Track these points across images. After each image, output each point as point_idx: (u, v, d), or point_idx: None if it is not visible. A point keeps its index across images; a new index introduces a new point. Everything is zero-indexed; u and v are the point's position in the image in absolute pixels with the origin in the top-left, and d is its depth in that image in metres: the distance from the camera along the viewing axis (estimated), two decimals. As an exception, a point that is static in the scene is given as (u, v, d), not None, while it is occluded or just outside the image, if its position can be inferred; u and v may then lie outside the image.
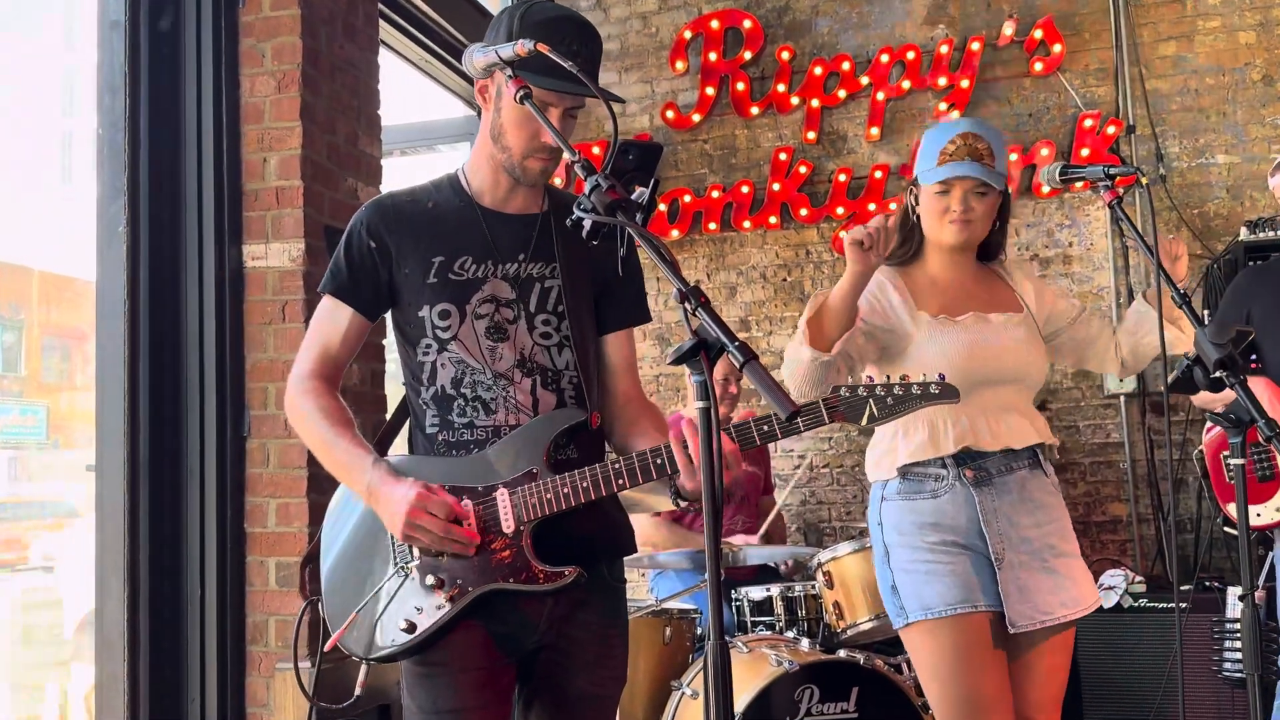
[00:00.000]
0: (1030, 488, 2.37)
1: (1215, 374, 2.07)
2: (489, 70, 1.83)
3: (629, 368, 2.09)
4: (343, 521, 1.98)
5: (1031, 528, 2.34)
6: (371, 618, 1.87)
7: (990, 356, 2.35)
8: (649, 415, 2.06)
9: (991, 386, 2.35)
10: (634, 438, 2.00)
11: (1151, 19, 5.12)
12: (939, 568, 2.29)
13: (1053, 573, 2.33)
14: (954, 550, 2.30)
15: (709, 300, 1.47)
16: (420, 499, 1.78)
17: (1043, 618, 2.29)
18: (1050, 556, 2.34)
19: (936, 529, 2.31)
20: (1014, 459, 2.37)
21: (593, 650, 1.97)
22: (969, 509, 2.32)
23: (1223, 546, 4.73)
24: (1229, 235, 4.81)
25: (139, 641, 3.20)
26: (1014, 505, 2.34)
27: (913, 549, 2.33)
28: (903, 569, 2.34)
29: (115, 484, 3.22)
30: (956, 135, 2.39)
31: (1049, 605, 2.30)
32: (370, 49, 3.89)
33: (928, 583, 2.29)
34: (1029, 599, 2.29)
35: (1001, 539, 2.31)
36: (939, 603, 2.28)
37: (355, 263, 1.96)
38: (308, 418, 1.93)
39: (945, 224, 2.41)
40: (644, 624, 3.33)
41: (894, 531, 2.36)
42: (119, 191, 3.29)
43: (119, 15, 3.33)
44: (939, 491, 2.33)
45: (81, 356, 4.29)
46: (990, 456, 2.34)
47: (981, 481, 2.33)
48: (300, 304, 3.40)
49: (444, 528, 1.79)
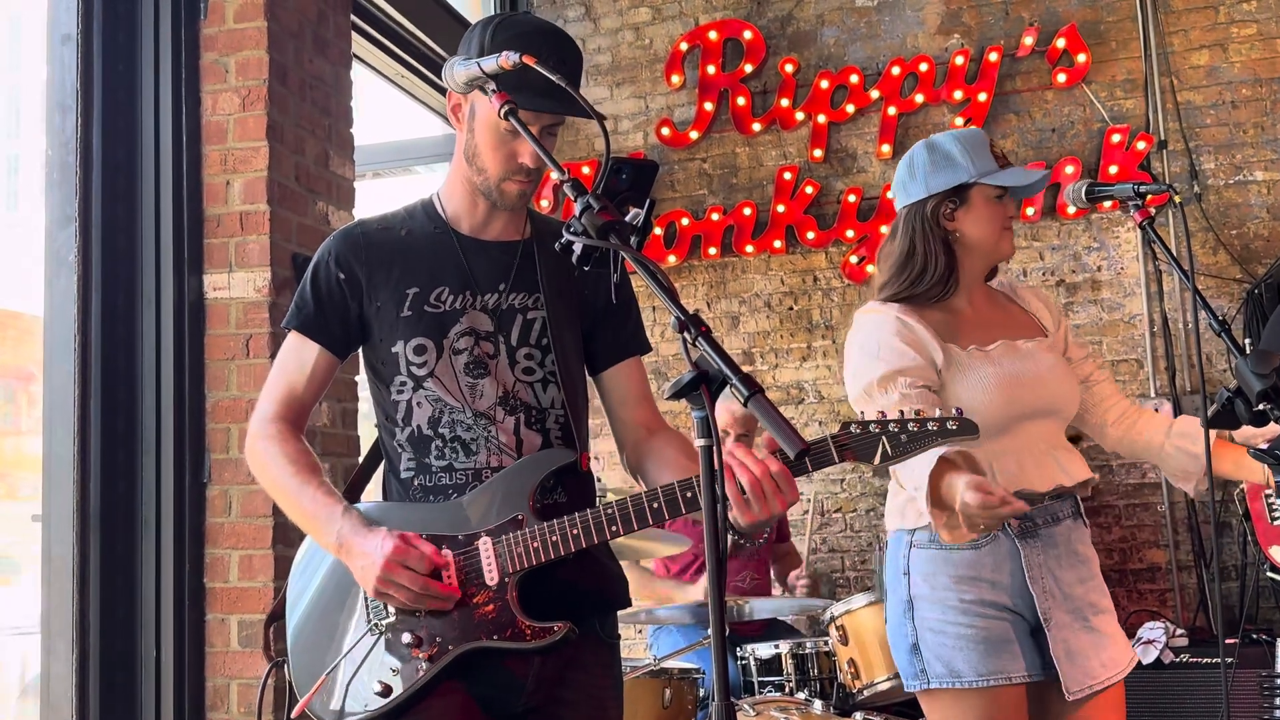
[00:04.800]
0: (1074, 539, 2.32)
1: (1259, 407, 2.06)
2: (471, 85, 1.84)
3: (642, 397, 2.08)
4: (309, 574, 1.97)
5: (1075, 584, 2.29)
6: (343, 680, 1.85)
7: (1029, 387, 2.29)
8: (675, 443, 2.01)
9: (1034, 420, 2.30)
10: (662, 469, 1.95)
11: (1182, 26, 5.17)
12: (973, 632, 2.21)
13: (1093, 631, 2.28)
14: (991, 612, 2.22)
15: (710, 329, 1.47)
16: (396, 553, 1.77)
17: (1091, 682, 2.23)
18: (1091, 615, 2.29)
19: (975, 585, 2.23)
20: (1059, 507, 2.31)
21: (584, 714, 1.95)
22: (1013, 562, 2.24)
23: (1270, 595, 4.71)
24: (1270, 258, 4.84)
25: (88, 708, 3.17)
26: (1059, 560, 2.28)
27: (944, 606, 2.24)
28: (930, 628, 2.25)
29: (63, 536, 3.20)
30: (985, 137, 2.38)
31: (1092, 669, 2.24)
32: (342, 63, 3.92)
33: (958, 647, 2.21)
34: (1077, 663, 2.23)
35: (1049, 597, 2.24)
36: (969, 672, 2.20)
37: (323, 296, 1.96)
38: (270, 464, 1.92)
39: (1005, 234, 2.36)
40: (641, 685, 3.30)
41: (924, 583, 2.27)
42: (69, 218, 3.29)
43: (70, 29, 3.35)
44: (980, 542, 2.22)
45: (27, 398, 4.27)
46: (1036, 505, 2.25)
47: (1027, 533, 2.25)
48: (266, 338, 3.41)
49: (421, 584, 1.78)
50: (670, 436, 2.05)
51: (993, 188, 2.33)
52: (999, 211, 2.35)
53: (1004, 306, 2.49)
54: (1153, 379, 5.05)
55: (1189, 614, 4.88)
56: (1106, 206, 5.03)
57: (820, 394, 5.40)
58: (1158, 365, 5.06)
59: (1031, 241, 5.25)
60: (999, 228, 2.35)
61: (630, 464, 2.08)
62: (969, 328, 2.36)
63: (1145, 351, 5.07)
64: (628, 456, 2.08)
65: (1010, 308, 2.49)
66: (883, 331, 2.29)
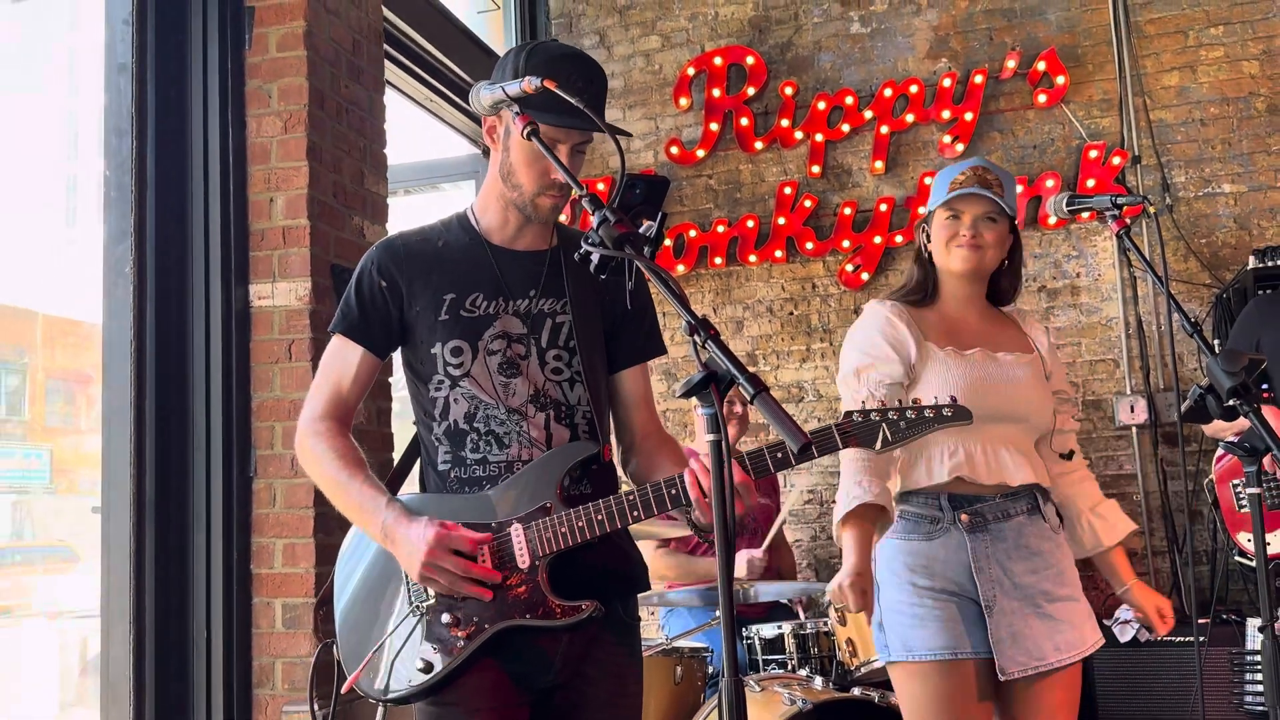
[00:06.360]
0: (1027, 534, 2.37)
1: (1229, 402, 2.08)
2: (496, 108, 1.86)
3: (645, 402, 2.11)
4: (355, 561, 1.99)
5: (1026, 574, 2.34)
6: (387, 659, 1.87)
7: (994, 392, 2.36)
8: (667, 449, 2.08)
9: (994, 423, 2.34)
10: (653, 471, 2.02)
11: (1154, 50, 5.17)
12: (925, 613, 2.31)
13: (1048, 618, 2.33)
14: (943, 597, 2.32)
15: (718, 333, 1.49)
16: (439, 539, 1.79)
17: (1036, 663, 2.30)
18: (1045, 602, 2.34)
19: (927, 572, 2.33)
20: (1011, 504, 2.37)
21: (607, 689, 1.96)
22: (961, 554, 2.33)
23: (1239, 579, 4.70)
24: (1237, 264, 4.84)
25: (145, 686, 3.19)
26: (1008, 552, 2.34)
27: (900, 589, 2.35)
28: (891, 608, 2.36)
29: (121, 526, 3.23)
30: (968, 168, 2.45)
31: (1043, 650, 2.30)
32: (375, 89, 3.94)
33: (912, 626, 2.32)
34: (1021, 645, 2.30)
35: (993, 585, 2.31)
36: (921, 647, 2.30)
37: (366, 302, 1.98)
38: (319, 460, 1.94)
39: (954, 249, 2.43)
40: (655, 663, 3.30)
41: (885, 569, 2.39)
42: (125, 233, 3.32)
43: (126, 59, 3.38)
44: (934, 534, 2.34)
45: (85, 399, 4.31)
46: (987, 502, 2.35)
47: (976, 527, 2.34)
48: (307, 343, 3.43)
49: (463, 567, 1.80)
50: (665, 439, 2.10)
51: (945, 208, 2.44)
52: (949, 228, 2.45)
53: (1000, 324, 2.55)
54: (1129, 377, 5.05)
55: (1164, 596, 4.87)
56: (1085, 217, 5.04)
57: (819, 392, 5.41)
58: (1133, 365, 5.06)
59: (1015, 250, 5.26)
60: (947, 243, 2.45)
61: (625, 461, 2.11)
62: (955, 332, 2.45)
63: (1121, 352, 5.08)
64: (623, 453, 2.12)
65: (1007, 326, 2.55)
66: (870, 327, 2.45)
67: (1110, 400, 5.06)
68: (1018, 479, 2.36)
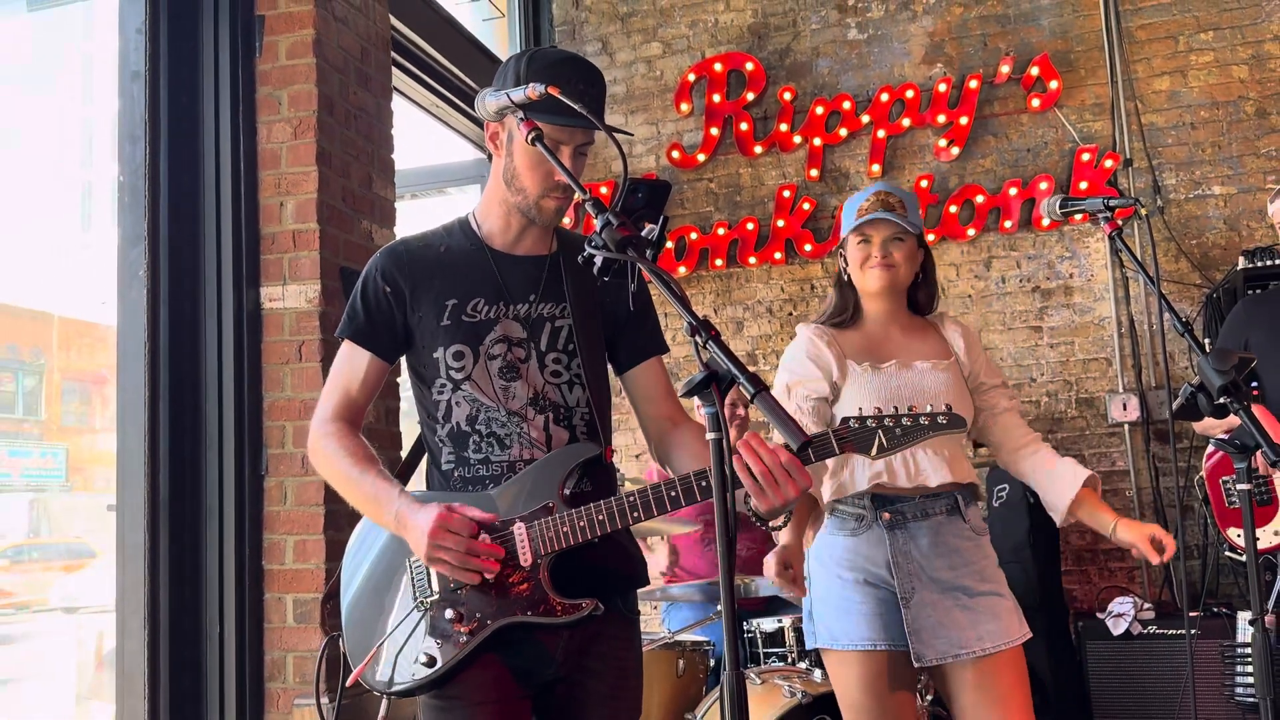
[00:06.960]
0: (945, 533, 2.46)
1: (1219, 400, 2.07)
2: (501, 114, 1.85)
3: (665, 393, 2.08)
4: (360, 558, 1.98)
5: (945, 570, 2.43)
6: (391, 652, 1.86)
7: (907, 399, 2.43)
8: (697, 434, 2.00)
9: None
10: (685, 459, 1.96)
11: (1145, 55, 5.16)
12: (850, 604, 2.43)
13: (969, 610, 2.41)
14: (866, 589, 2.43)
15: (719, 333, 1.48)
16: (441, 519, 1.78)
17: (957, 651, 2.37)
18: (965, 596, 2.42)
19: (852, 566, 2.45)
20: (931, 505, 2.46)
21: (608, 683, 1.95)
22: (881, 549, 2.43)
23: (1229, 572, 4.69)
24: (1227, 265, 4.82)
25: (159, 680, 3.19)
26: (926, 549, 2.43)
27: (829, 581, 2.47)
28: (819, 598, 2.49)
29: (135, 524, 3.23)
30: (871, 194, 2.56)
31: (965, 640, 2.38)
32: (383, 95, 3.93)
33: (838, 617, 2.45)
34: (943, 634, 2.38)
35: (910, 579, 2.41)
36: (845, 637, 2.43)
37: (371, 308, 1.97)
38: (332, 458, 1.93)
39: (868, 270, 2.55)
40: (657, 657, 3.30)
41: (815, 561, 2.52)
42: (139, 237, 3.31)
43: (139, 67, 3.37)
44: (858, 531, 2.46)
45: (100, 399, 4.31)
46: (908, 502, 2.44)
47: (896, 525, 2.44)
48: (317, 344, 3.42)
49: (466, 544, 1.78)
50: (692, 427, 2.04)
51: (855, 234, 2.56)
52: (861, 252, 2.57)
53: (921, 333, 2.63)
54: (1121, 376, 5.03)
55: (1155, 590, 4.86)
56: (1078, 219, 5.01)
57: (817, 391, 5.39)
58: (1125, 363, 5.05)
59: (1009, 251, 5.25)
60: (860, 265, 2.57)
61: (657, 455, 2.08)
62: (873, 348, 2.57)
63: (1114, 351, 5.06)
64: (655, 448, 2.09)
65: (928, 335, 2.63)
66: (797, 349, 2.58)
67: (1103, 398, 5.05)
68: (935, 481, 2.44)
